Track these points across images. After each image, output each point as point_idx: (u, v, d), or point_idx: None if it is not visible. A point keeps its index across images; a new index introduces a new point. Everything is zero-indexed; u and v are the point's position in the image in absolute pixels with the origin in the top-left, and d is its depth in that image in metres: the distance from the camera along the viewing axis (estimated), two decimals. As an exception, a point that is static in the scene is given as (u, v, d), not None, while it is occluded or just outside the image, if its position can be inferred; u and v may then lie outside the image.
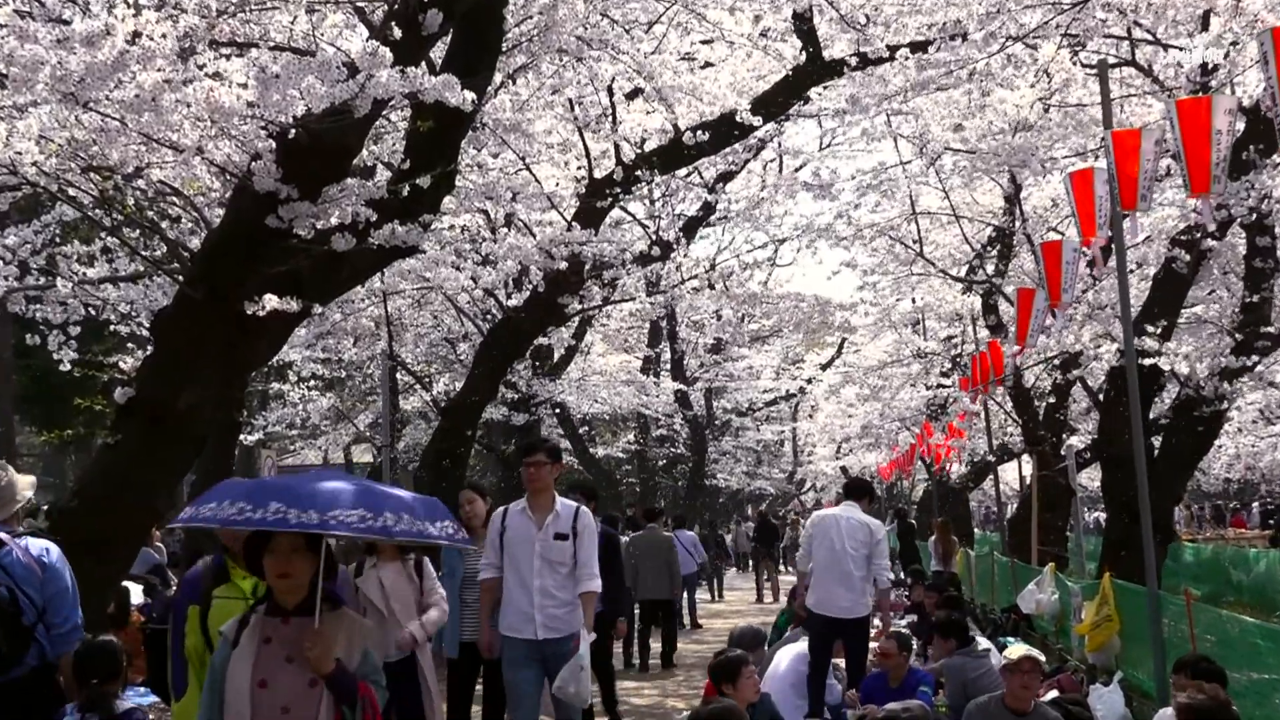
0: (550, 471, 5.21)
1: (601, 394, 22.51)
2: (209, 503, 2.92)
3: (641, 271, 11.47)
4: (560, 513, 5.17)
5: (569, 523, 5.16)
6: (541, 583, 5.07)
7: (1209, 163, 5.11)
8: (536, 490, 5.19)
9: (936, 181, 12.67)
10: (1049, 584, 9.16)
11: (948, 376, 17.32)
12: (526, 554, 5.12)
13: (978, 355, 11.50)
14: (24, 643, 3.62)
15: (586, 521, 5.20)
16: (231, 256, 5.82)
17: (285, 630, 3.01)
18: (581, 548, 5.11)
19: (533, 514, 5.18)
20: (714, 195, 12.15)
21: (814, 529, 7.30)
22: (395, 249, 6.05)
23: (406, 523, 2.97)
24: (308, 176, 5.55)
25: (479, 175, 9.46)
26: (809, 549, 7.27)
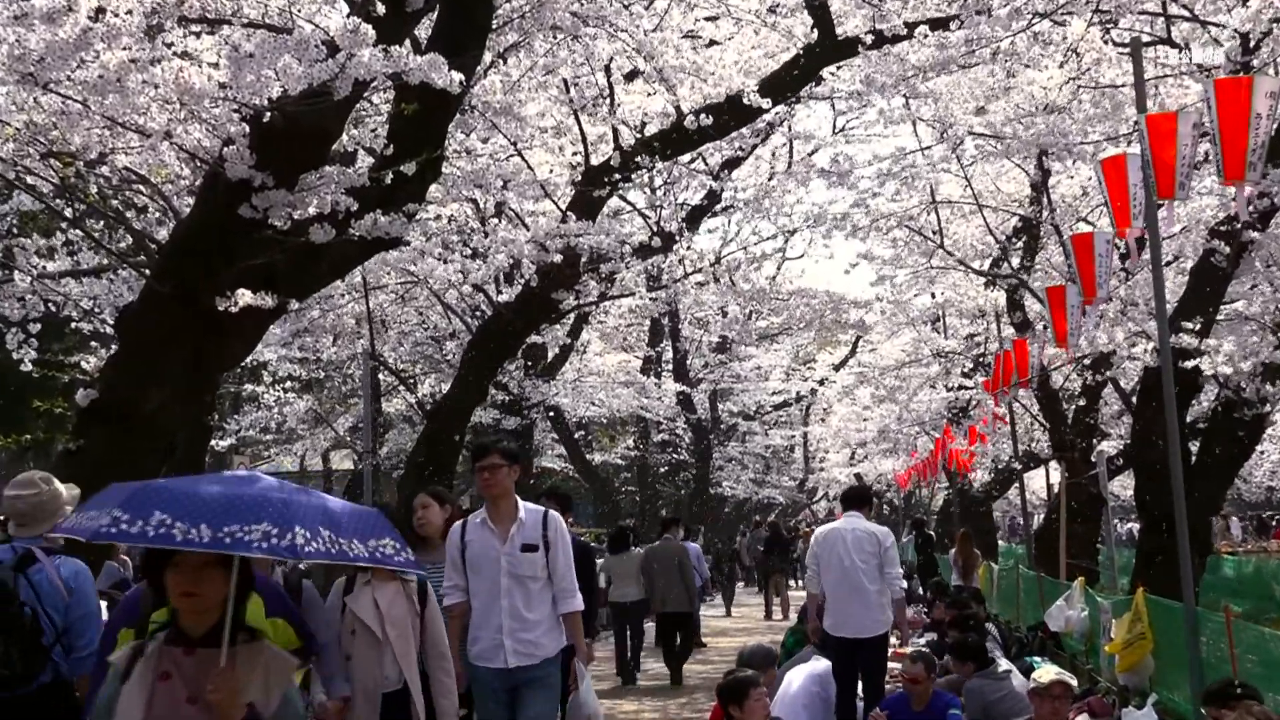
0: (509, 475, 4.88)
1: (599, 396, 22.53)
2: (89, 510, 2.62)
3: (642, 265, 11.46)
4: (525, 520, 4.85)
5: (537, 531, 4.83)
6: (510, 603, 4.74)
7: (1245, 148, 5.11)
8: (495, 497, 4.87)
9: (958, 168, 12.66)
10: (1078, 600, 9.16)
11: (970, 377, 17.31)
12: (491, 571, 4.78)
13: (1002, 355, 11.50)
14: (40, 662, 3.78)
15: (558, 528, 4.88)
16: (202, 249, 5.82)
17: (188, 663, 2.64)
18: (555, 560, 4.79)
19: (494, 525, 4.84)
20: (719, 183, 12.15)
21: (819, 547, 7.34)
22: (377, 241, 6.05)
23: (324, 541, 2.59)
24: (284, 163, 5.55)
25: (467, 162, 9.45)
26: (817, 569, 7.29)
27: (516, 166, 10.15)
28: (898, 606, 7.29)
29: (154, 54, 4.80)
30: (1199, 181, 9.37)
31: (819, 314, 20.23)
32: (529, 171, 10.18)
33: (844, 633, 7.09)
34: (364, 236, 5.86)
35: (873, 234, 13.78)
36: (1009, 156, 11.41)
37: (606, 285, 11.54)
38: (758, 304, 21.10)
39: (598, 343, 25.42)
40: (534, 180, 9.88)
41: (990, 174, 14.07)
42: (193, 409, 6.11)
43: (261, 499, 2.60)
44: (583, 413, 24.24)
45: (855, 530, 7.25)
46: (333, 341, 15.52)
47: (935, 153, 11.98)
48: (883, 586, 7.13)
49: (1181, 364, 9.32)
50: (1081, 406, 14.68)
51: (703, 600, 16.25)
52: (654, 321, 26.01)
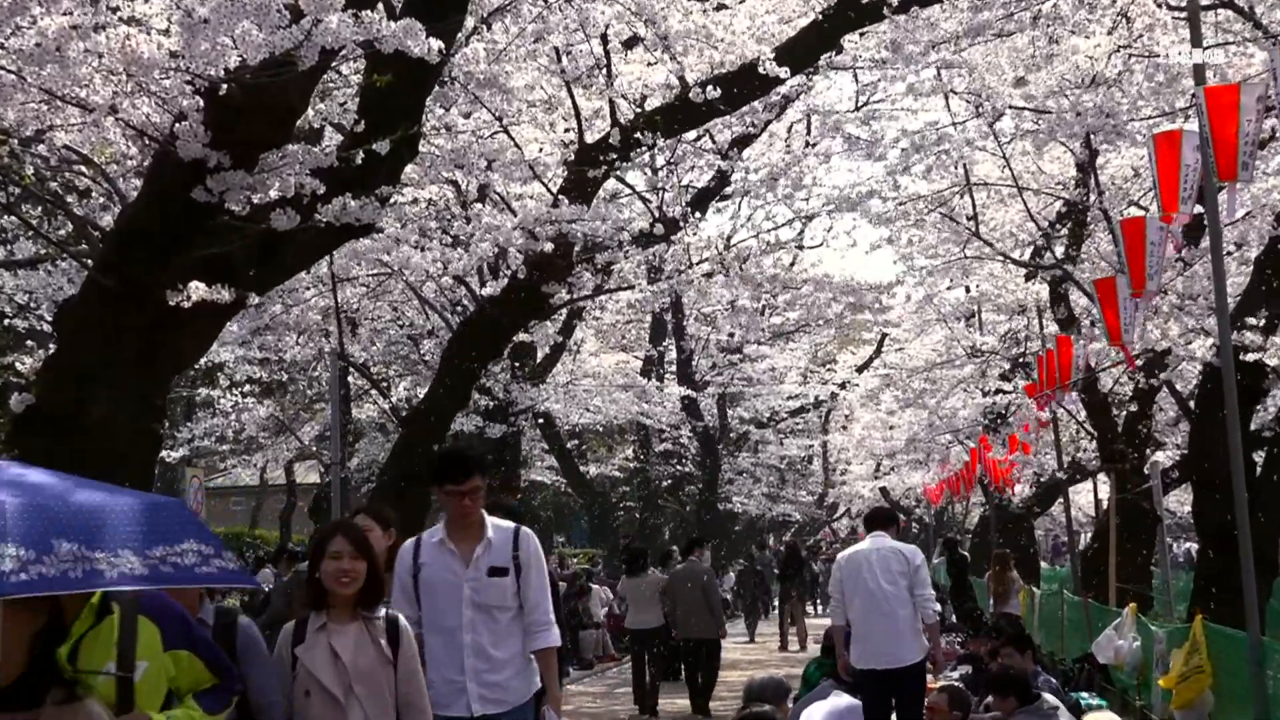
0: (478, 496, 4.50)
1: (594, 401, 22.54)
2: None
3: (642, 254, 11.47)
4: (494, 540, 4.47)
5: (507, 551, 4.47)
6: (474, 638, 4.38)
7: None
8: (472, 523, 4.51)
9: (995, 146, 12.66)
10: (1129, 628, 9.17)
11: (1008, 380, 17.32)
12: (452, 600, 4.40)
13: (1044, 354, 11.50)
14: None
15: (532, 548, 4.52)
16: (151, 237, 5.83)
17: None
18: (529, 585, 4.45)
19: (455, 545, 4.46)
20: (729, 163, 12.15)
21: (843, 572, 7.36)
22: (347, 228, 6.06)
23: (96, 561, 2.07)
24: (242, 141, 5.55)
25: (447, 140, 9.46)
26: (842, 596, 7.30)
27: (502, 145, 10.15)
28: (931, 632, 7.29)
29: (97, 19, 4.81)
30: (1264, 162, 9.37)
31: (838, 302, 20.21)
32: (516, 150, 10.18)
33: (874, 664, 7.09)
34: (332, 223, 5.86)
35: (900, 219, 13.79)
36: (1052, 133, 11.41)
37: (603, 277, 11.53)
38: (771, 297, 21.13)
39: (593, 341, 25.42)
40: (521, 160, 9.88)
41: (1031, 153, 14.07)
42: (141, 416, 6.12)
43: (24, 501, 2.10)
44: (576, 420, 24.24)
45: (880, 550, 7.27)
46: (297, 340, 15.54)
47: (970, 129, 11.98)
48: (914, 611, 7.14)
49: (1244, 361, 9.32)
50: (1133, 413, 14.68)
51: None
52: (655, 318, 26.02)
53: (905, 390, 20.52)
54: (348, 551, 3.80)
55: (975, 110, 11.45)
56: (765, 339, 27.53)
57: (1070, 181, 14.12)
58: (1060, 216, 14.61)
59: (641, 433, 28.04)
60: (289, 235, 5.87)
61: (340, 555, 3.80)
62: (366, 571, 3.81)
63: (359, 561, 3.81)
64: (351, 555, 3.80)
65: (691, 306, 26.13)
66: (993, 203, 15.23)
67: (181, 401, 21.75)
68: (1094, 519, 18.69)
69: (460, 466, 4.50)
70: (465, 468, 4.48)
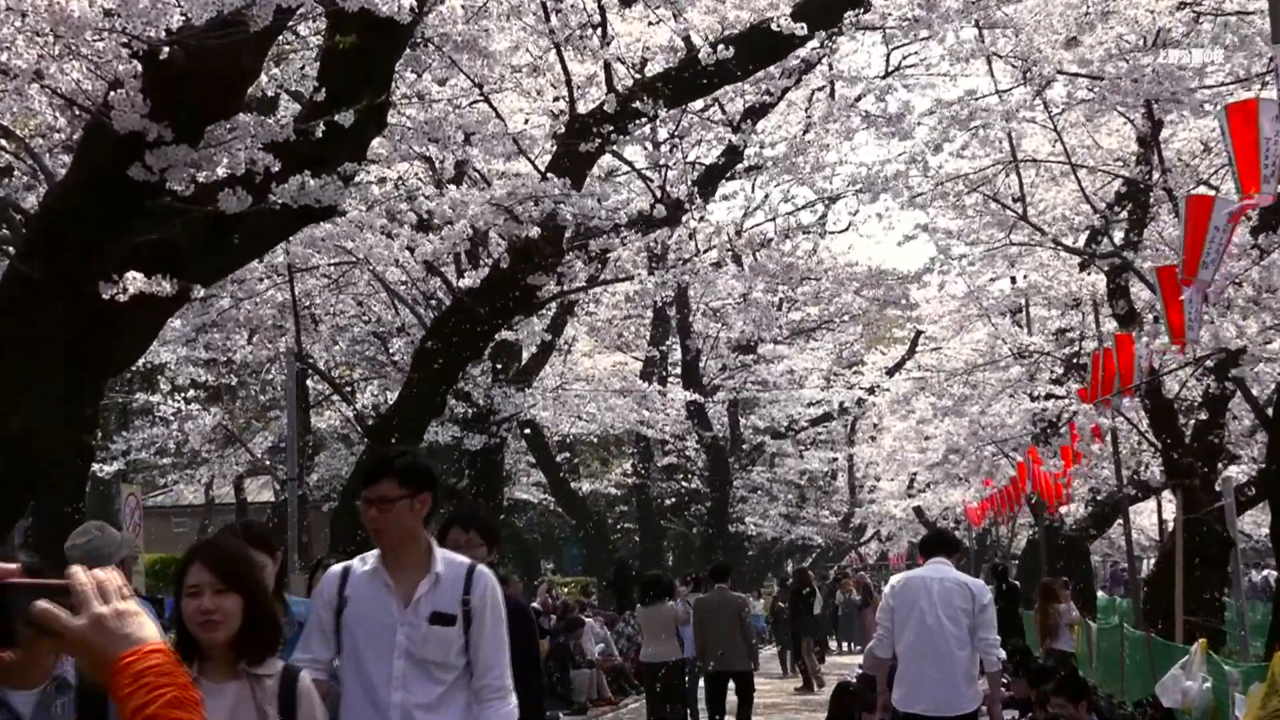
0: (412, 510, 4.04)
1: (587, 408, 22.55)
2: None
3: (642, 240, 11.47)
4: (443, 577, 4.06)
5: (455, 594, 4.05)
6: (404, 698, 3.97)
7: None
8: (391, 544, 4.06)
9: (1045, 118, 12.67)
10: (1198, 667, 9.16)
11: (1061, 384, 17.32)
12: (380, 647, 4.00)
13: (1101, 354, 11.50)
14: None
15: (488, 591, 4.10)
16: (82, 221, 5.83)
17: None
18: (481, 639, 4.04)
19: (392, 578, 4.06)
20: (741, 136, 12.16)
21: (896, 599, 7.28)
22: (305, 210, 6.06)
23: None
24: (186, 111, 5.56)
25: (420, 110, 9.47)
26: (891, 626, 7.26)
27: (482, 115, 10.17)
28: (992, 681, 7.25)
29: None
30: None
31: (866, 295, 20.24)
32: (498, 122, 10.19)
33: (921, 708, 7.05)
34: (288, 205, 5.87)
35: (935, 201, 13.80)
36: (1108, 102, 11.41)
37: (597, 266, 11.54)
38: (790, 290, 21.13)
39: (586, 340, 25.43)
40: (504, 133, 9.89)
41: (1085, 124, 14.08)
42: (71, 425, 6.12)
43: None
44: (567, 430, 24.25)
45: (944, 580, 7.21)
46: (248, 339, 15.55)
47: (1015, 98, 11.99)
48: (973, 653, 7.11)
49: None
50: (1203, 421, 14.68)
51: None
52: (658, 313, 26.01)
53: (943, 395, 20.50)
54: (210, 584, 3.19)
55: (1021, 76, 11.45)
56: (783, 337, 27.56)
57: (1130, 157, 14.13)
58: (1119, 197, 14.61)
59: (641, 444, 28.04)
60: (239, 219, 5.88)
61: (200, 590, 3.20)
62: (244, 610, 3.21)
63: (227, 597, 3.19)
64: (215, 589, 3.19)
65: (698, 300, 26.11)
66: (1042, 182, 15.23)
67: (116, 409, 21.75)
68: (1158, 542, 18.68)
69: (371, 470, 4.15)
70: (377, 468, 4.09)
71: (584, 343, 25.29)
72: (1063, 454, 16.13)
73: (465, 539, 4.93)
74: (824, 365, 30.43)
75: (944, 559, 7.37)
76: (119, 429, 20.87)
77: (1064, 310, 17.63)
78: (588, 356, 25.12)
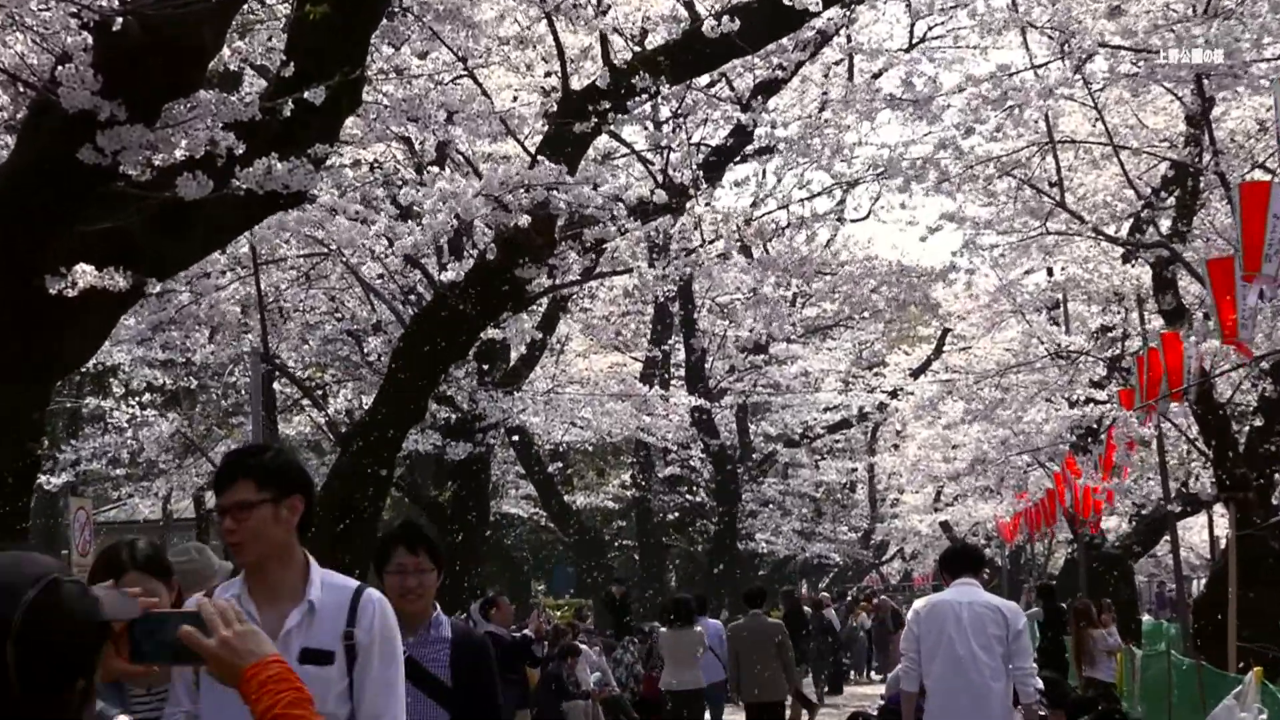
0: (277, 518, 3.60)
1: (582, 414, 22.56)
2: None
3: (642, 230, 11.48)
4: (320, 604, 3.65)
5: (336, 626, 3.65)
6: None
7: None
8: (253, 561, 3.64)
9: (1085, 94, 12.67)
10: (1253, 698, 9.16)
11: (1102, 387, 17.33)
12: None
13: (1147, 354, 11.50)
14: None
15: (375, 621, 3.68)
16: (27, 208, 5.83)
17: None
18: (367, 683, 3.62)
19: (258, 605, 3.64)
20: (750, 115, 12.17)
21: (922, 626, 7.26)
22: (272, 197, 6.06)
23: None
24: (141, 88, 5.56)
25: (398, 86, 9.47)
26: (918, 656, 7.26)
27: (467, 92, 10.17)
28: (1029, 715, 7.24)
29: (-40, -64, 4.82)
30: None
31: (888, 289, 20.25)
32: (484, 100, 10.20)
33: None
34: (253, 190, 5.87)
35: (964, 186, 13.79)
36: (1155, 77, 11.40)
37: (593, 258, 11.54)
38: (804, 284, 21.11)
39: (581, 339, 25.45)
40: (491, 112, 9.90)
41: (1129, 102, 14.08)
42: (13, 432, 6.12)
43: None
44: (559, 437, 24.26)
45: (974, 605, 7.18)
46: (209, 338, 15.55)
47: (1052, 73, 11.99)
48: (1008, 684, 7.09)
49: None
50: (1258, 428, 14.68)
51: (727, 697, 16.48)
52: (659, 309, 26.03)
53: (972, 400, 20.53)
54: None
55: (1059, 49, 11.45)
56: (796, 336, 27.52)
57: (1178, 138, 14.13)
58: (1166, 182, 14.62)
59: (641, 453, 28.04)
60: (199, 206, 5.87)
61: None
62: None
63: None
64: None
65: (704, 295, 26.15)
66: (1081, 165, 15.24)
67: (64, 414, 21.75)
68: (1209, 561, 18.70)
69: (223, 469, 3.68)
70: (228, 469, 3.64)
71: (578, 342, 25.32)
72: (1103, 464, 16.13)
73: (413, 562, 4.64)
74: (842, 366, 30.42)
75: (971, 578, 7.34)
76: (68, 436, 20.87)
77: (1105, 306, 17.64)
78: (582, 357, 25.14)
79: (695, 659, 12.73)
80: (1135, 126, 14.32)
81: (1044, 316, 18.97)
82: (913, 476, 28.16)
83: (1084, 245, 15.93)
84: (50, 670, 1.92)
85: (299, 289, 15.67)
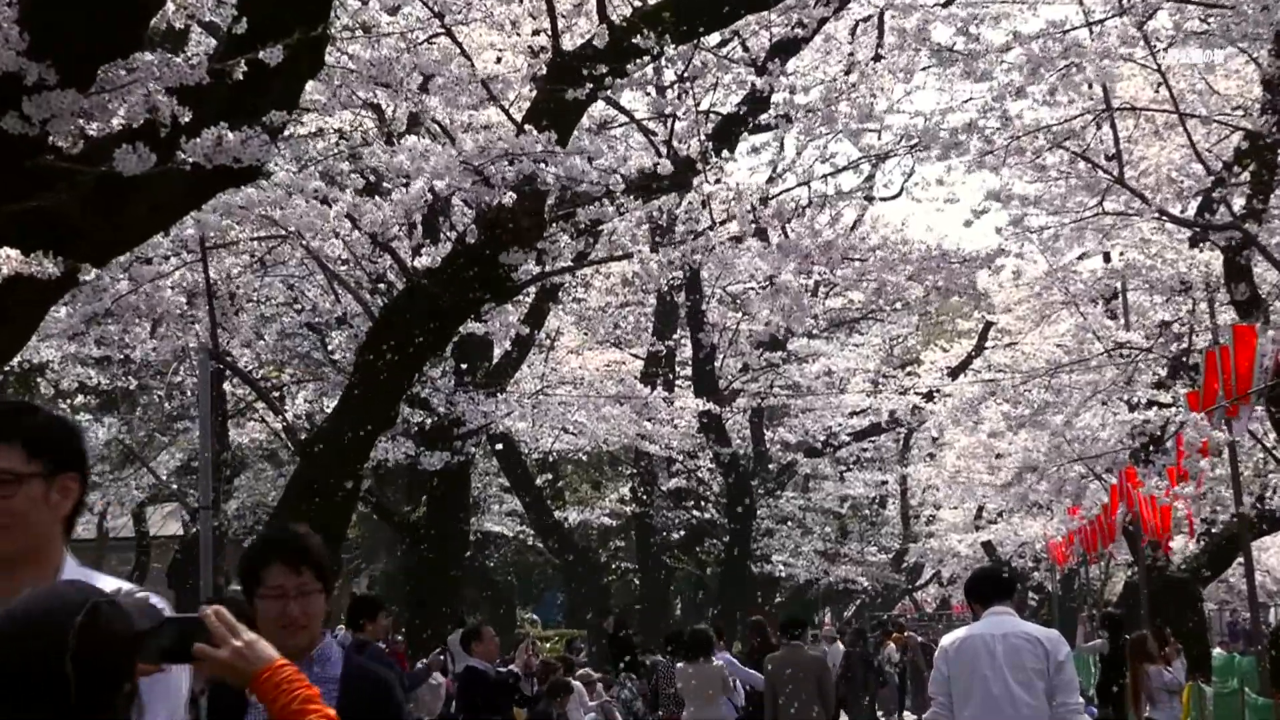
0: (47, 499, 3.19)
1: (574, 418, 22.55)
2: None
3: (643, 209, 11.48)
4: None
5: None
6: None
7: None
8: (10, 553, 3.18)
9: (1146, 55, 12.67)
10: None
11: (1166, 388, 17.33)
12: None
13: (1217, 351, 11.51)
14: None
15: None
16: (-57, 184, 5.83)
17: None
18: None
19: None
20: (767, 80, 12.16)
21: (952, 665, 7.28)
22: (223, 172, 6.06)
23: None
24: (73, 48, 5.56)
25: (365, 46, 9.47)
26: (948, 699, 7.28)
27: (444, 53, 10.17)
28: None
29: None
30: None
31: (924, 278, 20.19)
32: (463, 61, 10.19)
33: None
34: (201, 165, 5.87)
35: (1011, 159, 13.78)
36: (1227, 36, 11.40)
37: (587, 241, 11.55)
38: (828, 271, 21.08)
39: (573, 334, 25.44)
40: (472, 76, 9.90)
41: (1198, 65, 14.08)
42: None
43: None
44: (549, 445, 24.28)
45: (1009, 637, 7.19)
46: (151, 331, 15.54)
47: (1111, 32, 11.99)
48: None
49: None
50: (1344, 434, 14.70)
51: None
52: (662, 300, 26.04)
53: (1018, 403, 20.52)
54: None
55: (1119, 4, 11.45)
56: (819, 330, 27.57)
57: (1253, 105, 14.13)
58: (1239, 155, 14.60)
59: (642, 463, 28.06)
60: (140, 182, 5.87)
61: None
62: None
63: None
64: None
65: (713, 284, 26.13)
66: (1142, 136, 15.23)
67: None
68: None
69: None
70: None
71: (571, 337, 25.31)
72: (1168, 475, 16.14)
73: (295, 583, 3.99)
74: (870, 365, 30.46)
75: (1005, 606, 7.37)
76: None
77: (1169, 297, 17.63)
78: (575, 354, 25.12)
79: (718, 695, 12.90)
80: (1204, 92, 14.32)
81: (1100, 308, 18.97)
82: (951, 490, 28.20)
83: (1145, 227, 15.92)
84: (102, 680, 2.53)
85: (253, 276, 15.66)
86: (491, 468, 26.94)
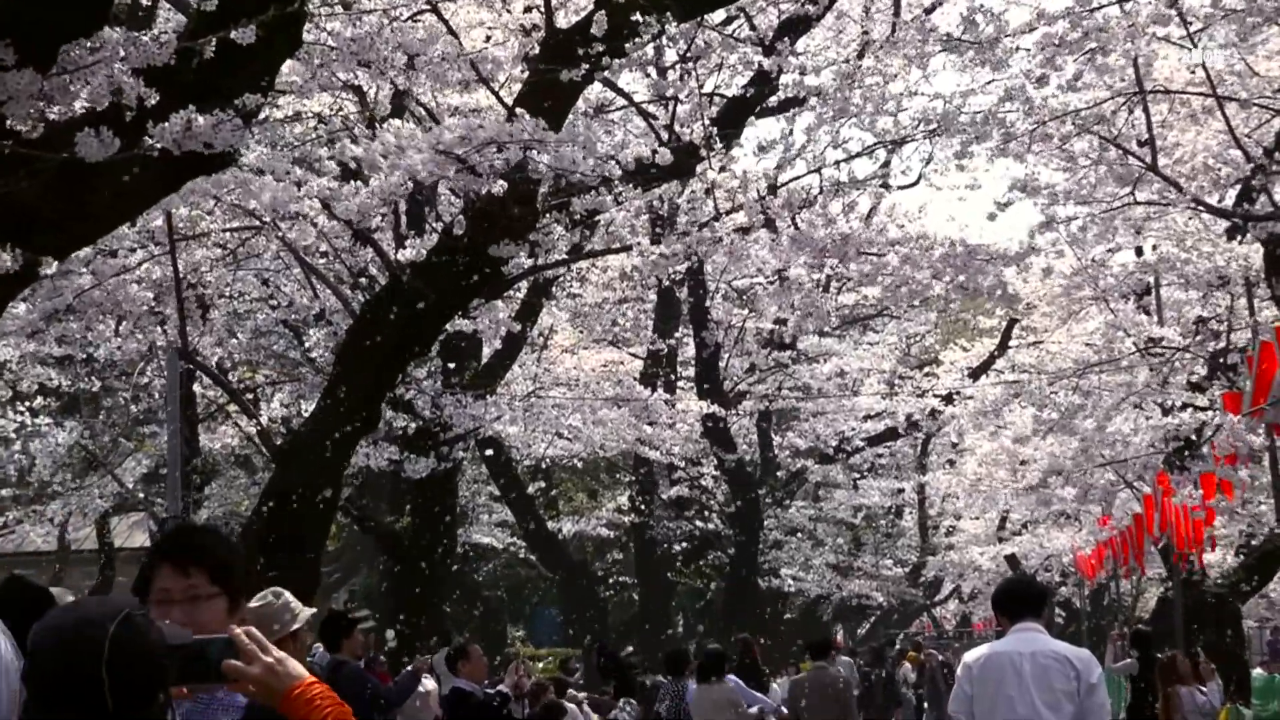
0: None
1: (569, 422, 22.54)
2: None
3: (643, 199, 11.47)
4: None
5: None
6: None
7: None
8: None
9: (1182, 35, 12.67)
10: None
11: (1202, 389, 17.33)
12: None
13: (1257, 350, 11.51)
14: None
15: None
16: (-107, 172, 5.83)
17: None
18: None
19: None
20: (775, 60, 12.16)
21: (976, 685, 7.28)
22: (193, 159, 6.06)
23: None
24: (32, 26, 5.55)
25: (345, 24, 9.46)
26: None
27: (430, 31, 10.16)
28: None
29: None
30: None
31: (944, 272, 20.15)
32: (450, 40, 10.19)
33: None
34: (169, 150, 5.87)
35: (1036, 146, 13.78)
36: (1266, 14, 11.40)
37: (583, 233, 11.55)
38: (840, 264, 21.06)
39: (568, 332, 25.44)
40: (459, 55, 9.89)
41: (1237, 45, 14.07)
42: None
43: None
44: (541, 451, 24.25)
45: (1037, 655, 7.20)
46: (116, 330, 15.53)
47: (1143, 9, 11.99)
48: None
49: None
50: (1392, 440, 14.71)
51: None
52: (664, 295, 26.04)
53: (1044, 406, 20.53)
54: None
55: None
56: (831, 328, 27.53)
57: (1296, 88, 14.14)
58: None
59: (642, 470, 28.07)
60: (104, 170, 5.87)
61: None
62: None
63: None
64: None
65: (718, 278, 26.14)
66: (1177, 121, 15.22)
67: (-60, 423, 21.74)
68: (1332, 603, 18.69)
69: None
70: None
71: (565, 335, 25.31)
72: (1204, 483, 16.14)
73: (182, 586, 3.69)
74: (886, 365, 30.45)
75: (1033, 622, 7.37)
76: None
77: (1206, 292, 17.63)
78: (570, 354, 25.13)
79: (726, 715, 13.16)
80: (1243, 74, 14.31)
81: (1132, 304, 18.96)
82: (972, 499, 28.19)
83: (1180, 218, 15.93)
84: (136, 687, 2.78)
85: (225, 270, 15.64)
86: (480, 475, 26.94)
